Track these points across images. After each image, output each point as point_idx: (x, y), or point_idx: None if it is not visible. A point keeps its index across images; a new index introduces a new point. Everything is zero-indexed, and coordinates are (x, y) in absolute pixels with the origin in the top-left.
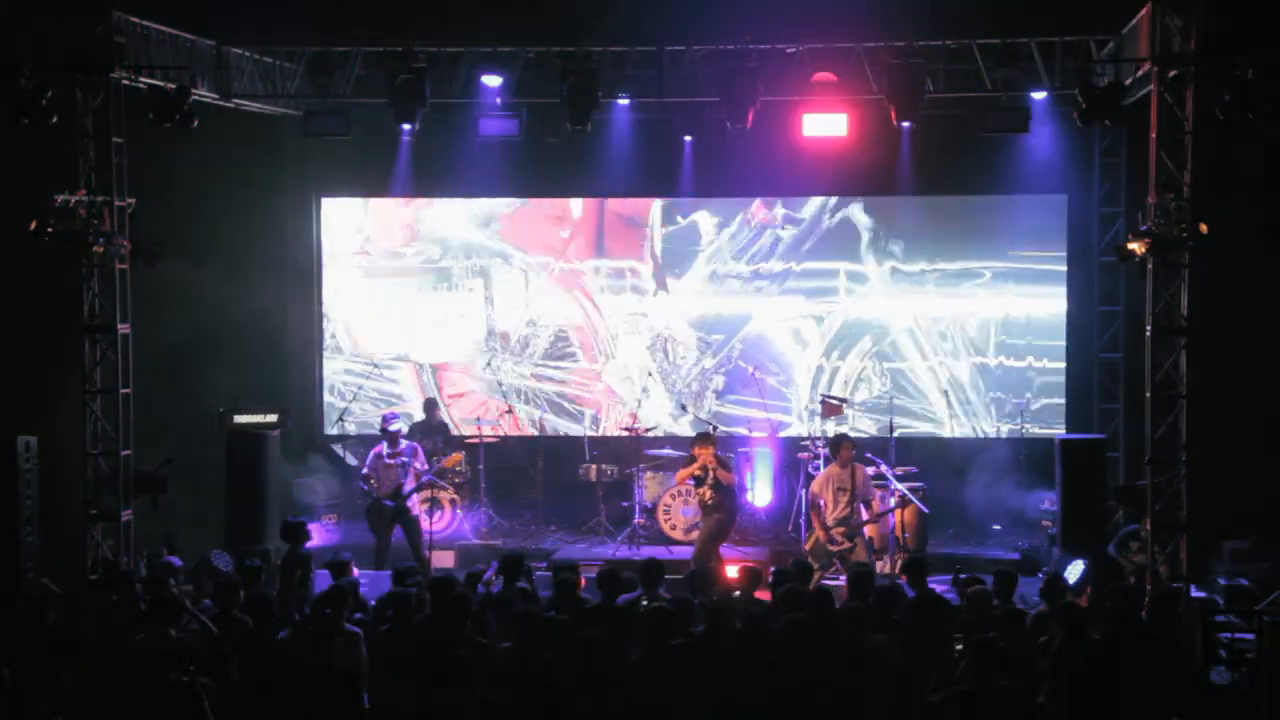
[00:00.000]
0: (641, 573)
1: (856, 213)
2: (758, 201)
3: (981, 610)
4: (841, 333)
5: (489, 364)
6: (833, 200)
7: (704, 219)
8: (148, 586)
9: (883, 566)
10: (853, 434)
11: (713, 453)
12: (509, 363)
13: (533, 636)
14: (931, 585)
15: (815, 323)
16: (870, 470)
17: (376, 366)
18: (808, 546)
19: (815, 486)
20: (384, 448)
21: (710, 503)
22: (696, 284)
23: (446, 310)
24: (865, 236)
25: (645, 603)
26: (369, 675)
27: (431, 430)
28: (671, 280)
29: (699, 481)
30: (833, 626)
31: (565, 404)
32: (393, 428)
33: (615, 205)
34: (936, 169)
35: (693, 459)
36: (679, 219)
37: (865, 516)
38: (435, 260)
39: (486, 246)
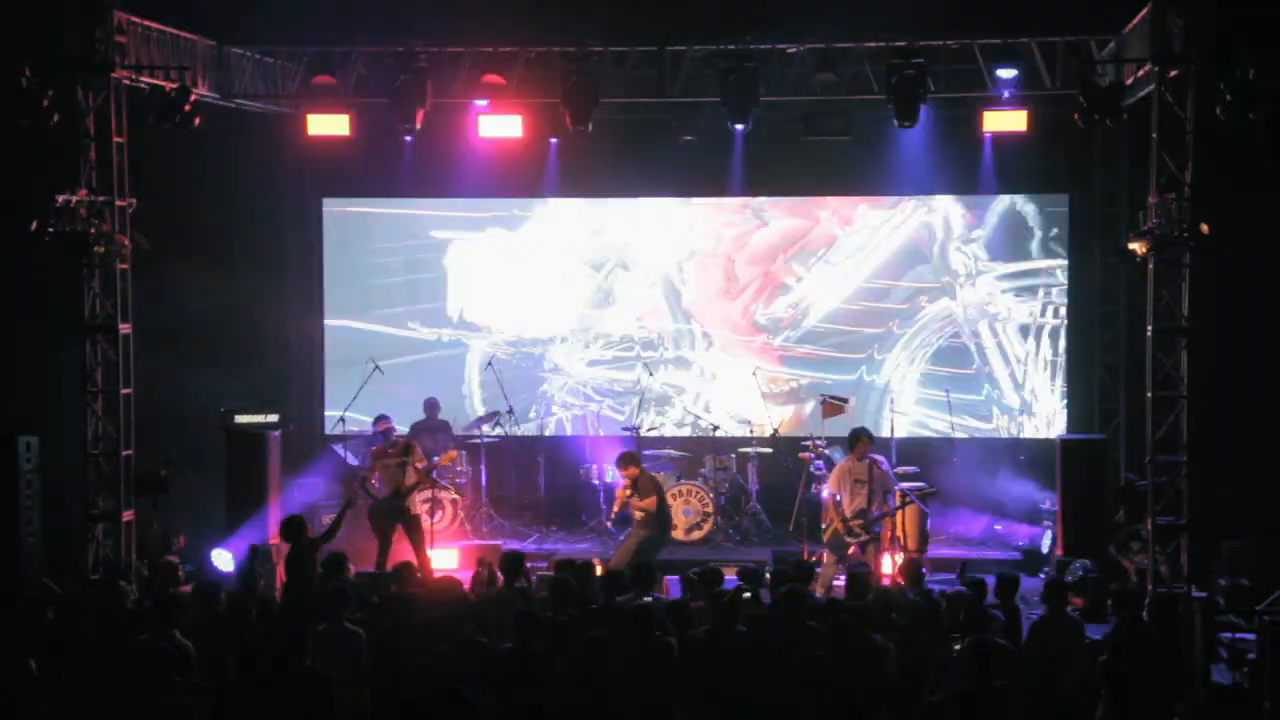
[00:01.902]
0: (635, 574)
1: (864, 214)
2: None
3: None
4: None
5: (489, 364)
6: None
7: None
8: (150, 586)
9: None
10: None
11: (634, 474)
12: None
13: (534, 637)
14: (932, 586)
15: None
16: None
17: (379, 368)
18: (826, 538)
19: (832, 480)
20: (383, 447)
21: (640, 519)
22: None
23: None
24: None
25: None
26: (371, 675)
27: (431, 429)
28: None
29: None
30: (833, 628)
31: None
32: (383, 428)
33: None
34: (937, 169)
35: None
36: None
37: (879, 511)
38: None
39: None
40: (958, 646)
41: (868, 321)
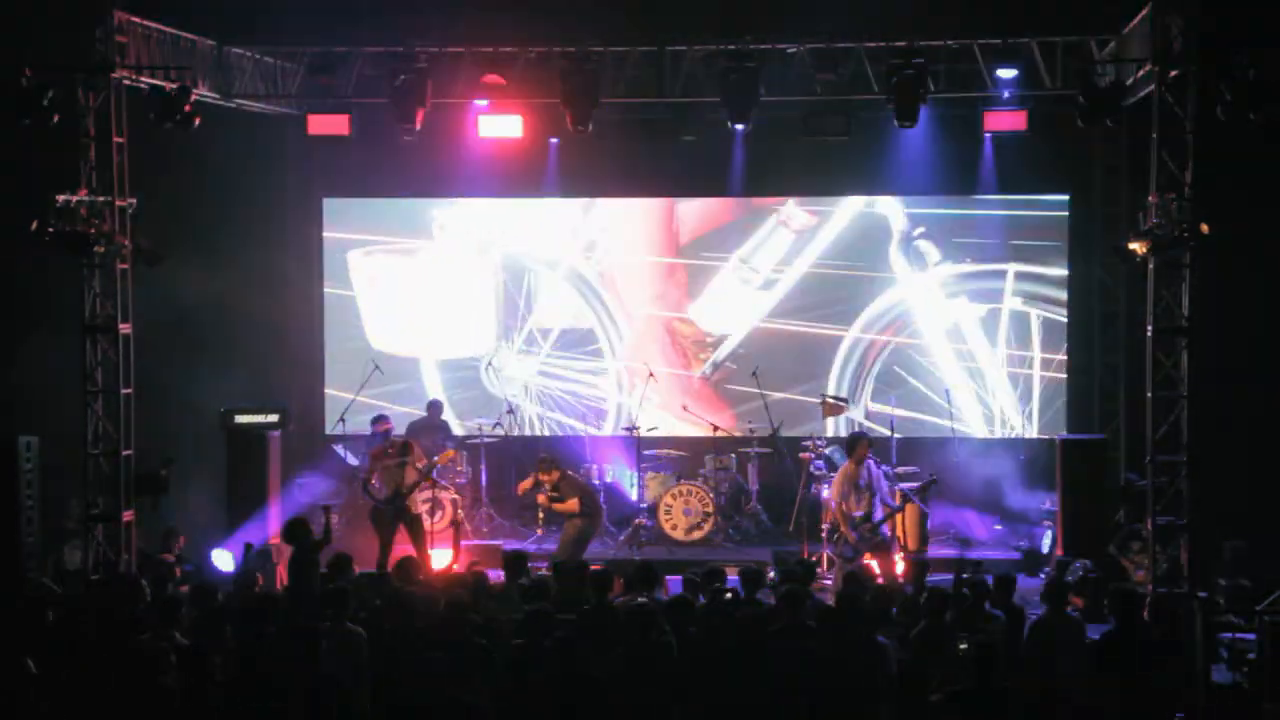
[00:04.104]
0: (636, 573)
1: (867, 212)
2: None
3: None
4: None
5: (488, 365)
6: (848, 200)
7: (730, 218)
8: (149, 586)
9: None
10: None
11: (554, 479)
12: (516, 360)
13: (540, 634)
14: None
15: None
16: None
17: (379, 368)
18: (837, 550)
19: (837, 488)
20: (383, 448)
21: (573, 513)
22: (728, 283)
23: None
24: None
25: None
26: (370, 674)
27: (430, 429)
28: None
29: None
30: (832, 627)
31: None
32: (382, 429)
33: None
34: (938, 169)
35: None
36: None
37: (882, 513)
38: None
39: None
40: (963, 646)
41: (842, 318)
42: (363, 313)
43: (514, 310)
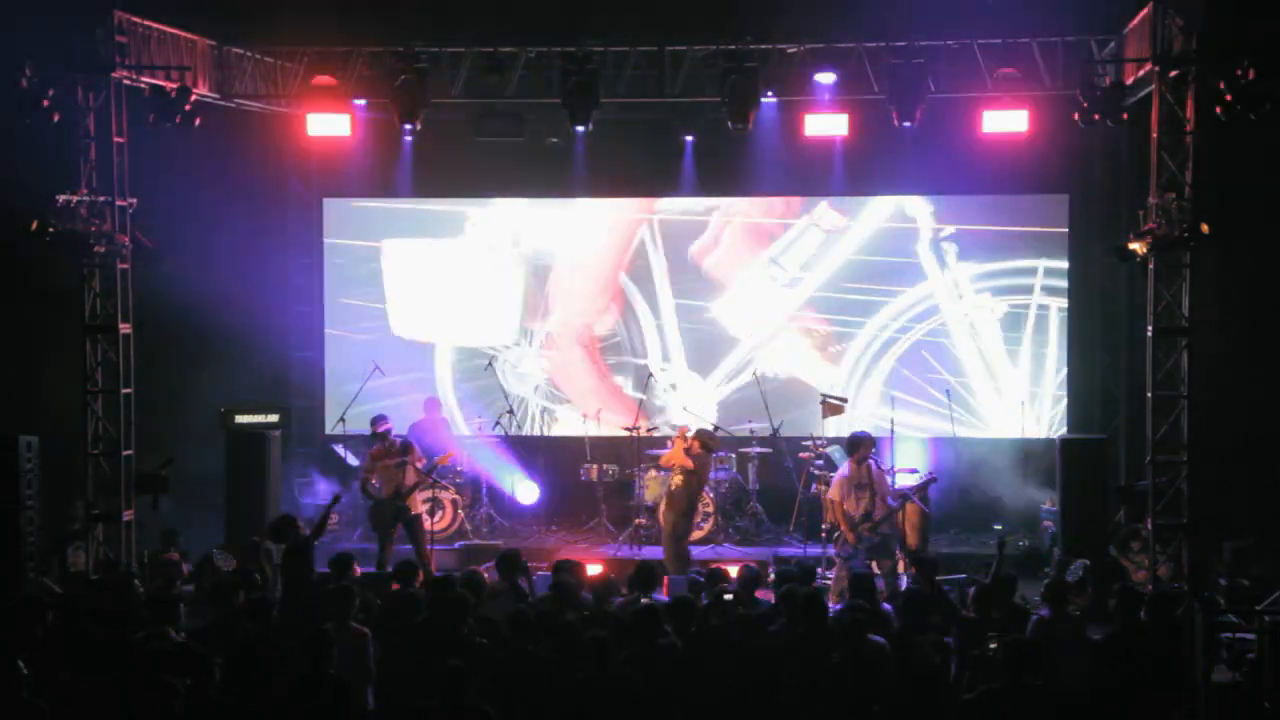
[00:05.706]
0: (636, 574)
1: (896, 212)
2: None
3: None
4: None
5: (489, 365)
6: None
7: (752, 218)
8: (148, 586)
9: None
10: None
11: (696, 448)
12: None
13: (529, 638)
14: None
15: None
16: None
17: (379, 369)
18: (836, 549)
19: (836, 489)
20: (382, 448)
21: (675, 490)
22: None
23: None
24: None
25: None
26: (376, 676)
27: (430, 429)
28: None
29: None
30: (832, 628)
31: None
32: (382, 429)
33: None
34: (938, 169)
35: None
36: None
37: (883, 513)
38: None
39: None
40: (994, 645)
41: (854, 316)
42: (388, 298)
43: (536, 308)
